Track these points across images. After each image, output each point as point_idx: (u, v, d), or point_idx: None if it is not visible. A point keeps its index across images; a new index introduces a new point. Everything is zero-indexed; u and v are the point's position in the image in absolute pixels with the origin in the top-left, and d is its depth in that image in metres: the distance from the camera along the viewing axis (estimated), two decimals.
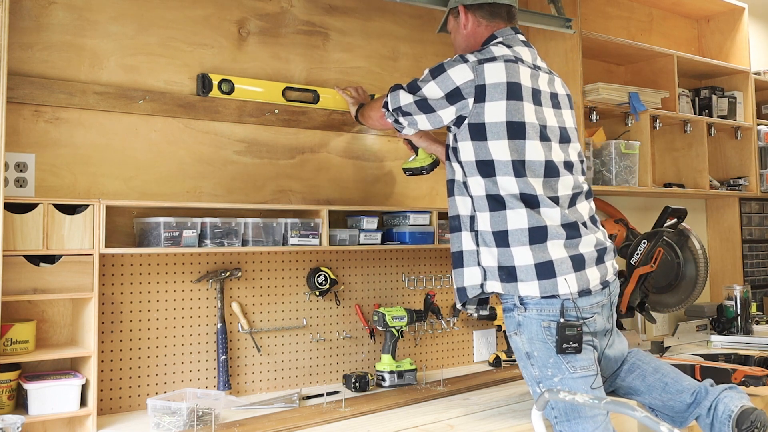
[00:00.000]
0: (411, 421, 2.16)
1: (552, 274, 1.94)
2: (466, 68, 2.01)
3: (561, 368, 1.94)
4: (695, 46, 4.29)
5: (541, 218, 1.96)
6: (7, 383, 2.01)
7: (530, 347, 1.98)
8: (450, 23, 2.33)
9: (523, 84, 2.01)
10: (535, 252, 1.94)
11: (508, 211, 1.96)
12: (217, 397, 2.24)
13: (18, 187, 2.15)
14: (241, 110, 2.53)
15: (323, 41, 2.82)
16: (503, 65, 2.00)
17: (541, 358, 1.97)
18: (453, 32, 2.32)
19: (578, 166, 2.14)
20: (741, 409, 2.04)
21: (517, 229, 1.95)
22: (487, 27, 2.22)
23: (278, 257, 2.62)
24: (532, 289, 1.95)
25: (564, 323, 1.92)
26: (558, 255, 1.95)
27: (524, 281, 1.95)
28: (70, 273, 2.04)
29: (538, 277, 1.94)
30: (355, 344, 2.80)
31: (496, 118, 1.97)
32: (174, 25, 2.46)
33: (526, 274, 1.95)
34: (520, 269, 1.96)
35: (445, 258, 3.07)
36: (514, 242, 1.96)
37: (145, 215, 2.29)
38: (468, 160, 2.02)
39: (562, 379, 1.94)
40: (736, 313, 3.59)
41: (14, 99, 2.12)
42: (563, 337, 1.91)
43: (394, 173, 2.97)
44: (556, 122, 2.09)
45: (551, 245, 1.95)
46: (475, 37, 2.23)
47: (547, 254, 1.94)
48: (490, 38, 2.19)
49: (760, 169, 4.10)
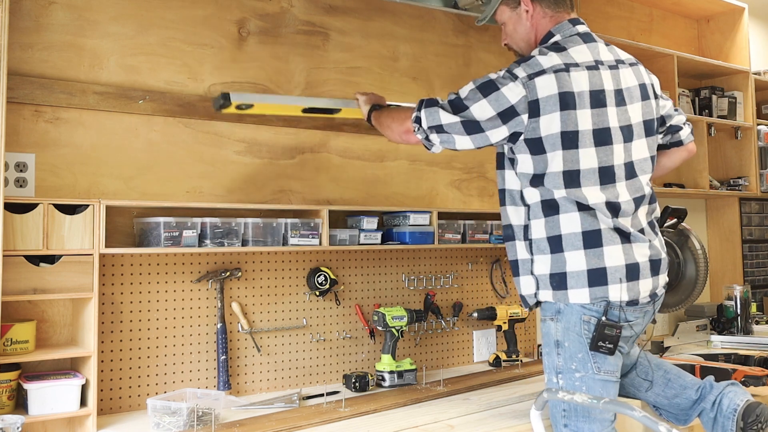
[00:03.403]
0: (411, 421, 2.16)
1: (604, 281, 1.90)
2: (518, 85, 1.90)
3: (586, 366, 1.91)
4: (695, 46, 4.29)
5: (596, 222, 1.91)
6: (7, 383, 2.01)
7: (563, 336, 1.93)
8: (504, 13, 2.15)
9: (576, 92, 1.91)
10: (589, 257, 1.90)
11: (561, 215, 1.92)
12: (217, 397, 2.24)
13: (18, 187, 2.15)
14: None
15: (323, 41, 2.82)
16: (553, 77, 1.90)
17: (570, 350, 1.92)
18: (511, 24, 2.15)
19: (644, 164, 2.03)
20: (747, 403, 2.05)
21: (571, 233, 1.91)
22: (551, 18, 2.08)
23: (278, 257, 2.62)
24: (582, 297, 1.90)
25: (605, 322, 1.88)
26: (612, 263, 1.91)
27: (574, 288, 1.91)
28: (70, 273, 2.04)
29: (590, 284, 1.90)
30: (355, 344, 2.80)
31: (551, 130, 1.90)
32: (174, 25, 2.46)
33: (576, 281, 1.91)
34: (571, 276, 1.91)
35: (445, 258, 3.07)
36: (568, 246, 1.92)
37: (145, 215, 2.29)
38: (526, 172, 1.96)
39: (584, 377, 1.91)
40: (736, 313, 3.59)
41: (14, 99, 2.12)
42: (601, 335, 1.88)
43: (394, 173, 2.97)
44: (618, 122, 1.98)
45: (606, 251, 1.91)
46: (537, 30, 2.10)
47: (601, 260, 1.90)
48: (548, 36, 2.06)
49: (760, 169, 4.10)
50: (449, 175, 3.14)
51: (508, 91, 1.91)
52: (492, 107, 1.92)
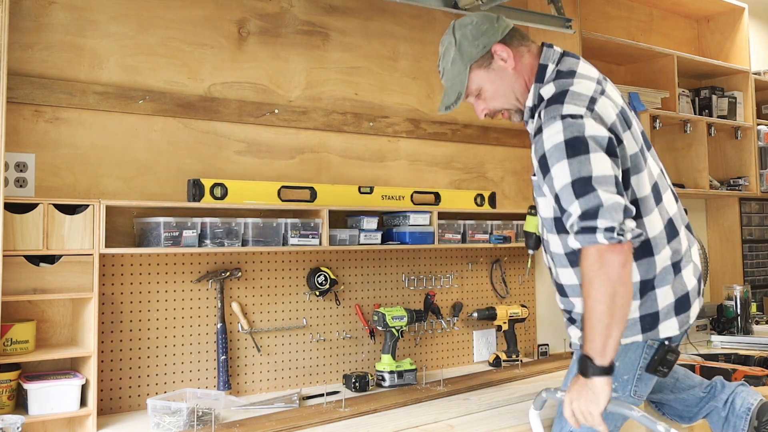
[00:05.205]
0: (411, 421, 2.16)
1: (688, 307, 1.83)
2: (590, 120, 1.66)
3: (626, 388, 1.82)
4: (695, 46, 4.29)
5: (677, 244, 1.81)
6: (7, 383, 2.01)
7: (616, 357, 1.71)
8: (479, 78, 1.88)
9: (624, 106, 1.81)
10: (675, 288, 1.82)
11: (656, 255, 1.79)
12: (217, 397, 2.24)
13: (18, 187, 2.15)
14: (241, 110, 2.54)
15: (323, 41, 2.82)
16: (605, 99, 1.74)
17: (618, 370, 1.76)
18: (490, 84, 1.88)
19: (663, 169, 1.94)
20: (761, 403, 2.04)
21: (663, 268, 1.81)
22: (530, 53, 1.88)
23: (278, 257, 2.62)
24: (672, 328, 1.82)
25: (669, 347, 1.80)
26: (690, 286, 1.83)
27: (665, 321, 1.81)
28: (70, 273, 2.04)
29: (676, 313, 1.82)
30: (355, 344, 2.80)
31: (632, 150, 1.76)
32: (174, 25, 2.46)
33: (666, 315, 1.81)
34: (663, 312, 1.82)
35: (445, 258, 3.07)
36: (660, 282, 1.81)
37: (145, 215, 2.29)
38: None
39: (619, 397, 1.80)
40: (736, 313, 3.59)
41: (14, 99, 2.12)
42: (662, 360, 1.79)
43: (394, 173, 2.97)
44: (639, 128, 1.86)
45: (685, 275, 1.83)
46: (524, 71, 1.87)
47: (684, 287, 1.82)
48: (541, 69, 1.85)
49: (760, 169, 4.10)
50: (449, 175, 3.14)
51: (590, 130, 1.64)
52: (598, 158, 1.63)
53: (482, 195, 3.06)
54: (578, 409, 1.66)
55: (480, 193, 3.06)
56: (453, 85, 1.90)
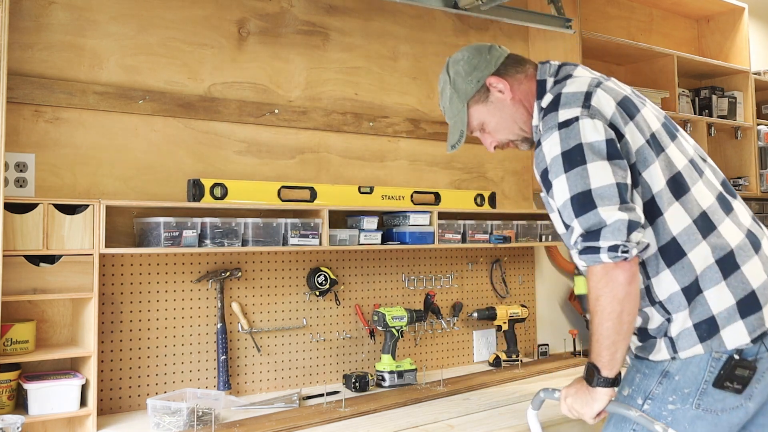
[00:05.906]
0: (411, 421, 2.16)
1: (758, 307, 1.61)
2: (586, 121, 1.61)
3: (687, 400, 1.62)
4: (695, 46, 4.29)
5: (724, 240, 1.65)
6: (7, 383, 2.01)
7: (677, 370, 1.64)
8: (479, 113, 1.85)
9: (627, 95, 1.72)
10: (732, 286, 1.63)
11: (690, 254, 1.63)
12: (217, 397, 2.24)
13: (18, 187, 2.15)
14: (241, 110, 2.54)
15: (323, 41, 2.82)
16: (601, 92, 1.67)
17: (679, 383, 1.63)
18: (491, 117, 1.85)
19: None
20: None
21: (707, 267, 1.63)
22: (527, 76, 1.82)
23: (278, 257, 2.62)
24: (741, 336, 1.60)
25: (739, 361, 1.58)
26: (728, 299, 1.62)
27: (726, 327, 1.60)
28: (70, 273, 2.04)
29: (742, 315, 1.61)
30: (355, 344, 2.80)
31: (637, 143, 1.65)
32: (174, 25, 2.46)
33: (727, 319, 1.60)
34: (719, 316, 1.61)
35: (445, 258, 3.08)
36: (706, 283, 1.63)
37: (145, 215, 2.29)
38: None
39: (678, 409, 1.63)
40: None
41: (14, 99, 2.12)
42: (731, 375, 1.58)
43: (394, 173, 2.97)
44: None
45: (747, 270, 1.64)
46: (524, 97, 1.82)
47: (747, 285, 1.62)
48: (540, 87, 1.79)
49: (760, 169, 4.10)
50: (449, 175, 3.14)
51: (586, 135, 1.60)
52: (599, 167, 1.58)
53: (482, 195, 3.07)
54: (572, 406, 1.68)
55: (480, 193, 3.06)
56: (455, 123, 1.88)
